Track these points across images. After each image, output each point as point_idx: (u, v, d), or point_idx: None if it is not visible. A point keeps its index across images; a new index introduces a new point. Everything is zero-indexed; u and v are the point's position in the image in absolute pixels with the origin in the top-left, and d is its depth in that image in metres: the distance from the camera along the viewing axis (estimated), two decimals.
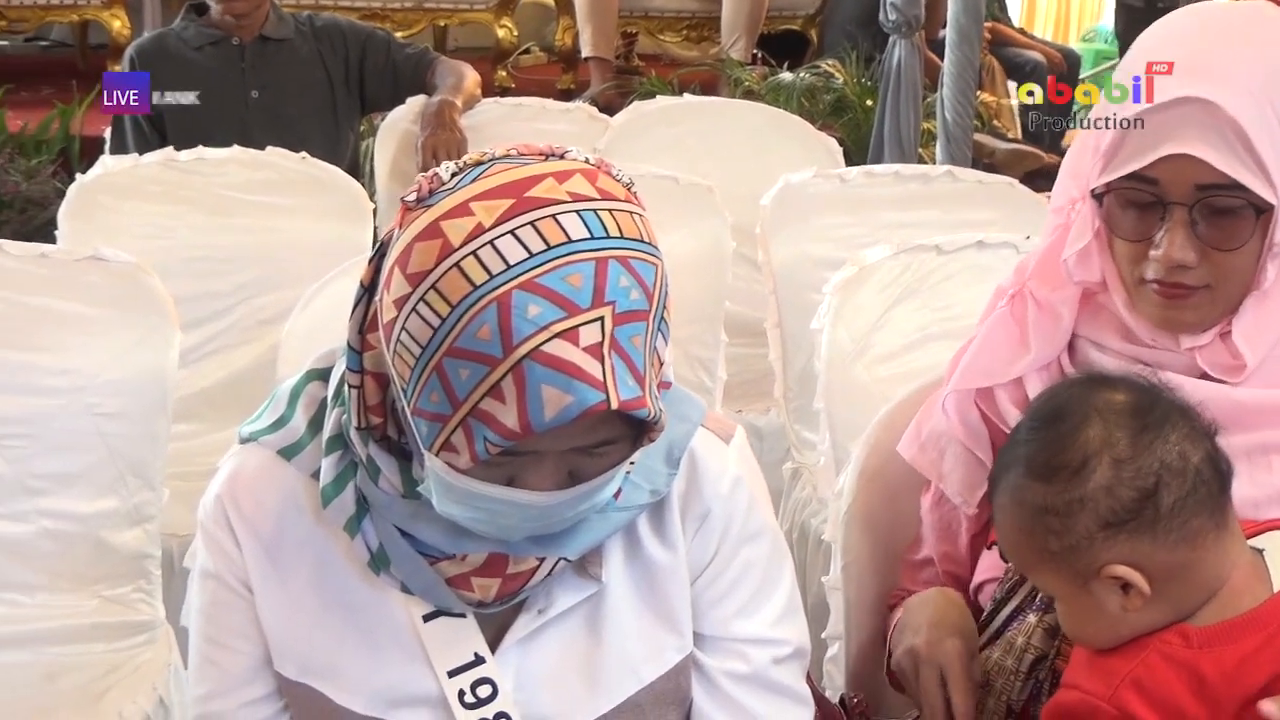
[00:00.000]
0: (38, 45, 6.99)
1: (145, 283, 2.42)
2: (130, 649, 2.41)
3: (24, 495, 2.37)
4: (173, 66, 3.75)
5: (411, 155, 3.75)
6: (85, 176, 3.13)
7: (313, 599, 1.48)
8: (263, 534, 1.48)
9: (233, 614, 1.50)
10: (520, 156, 1.31)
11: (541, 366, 1.22)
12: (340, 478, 1.43)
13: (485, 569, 1.41)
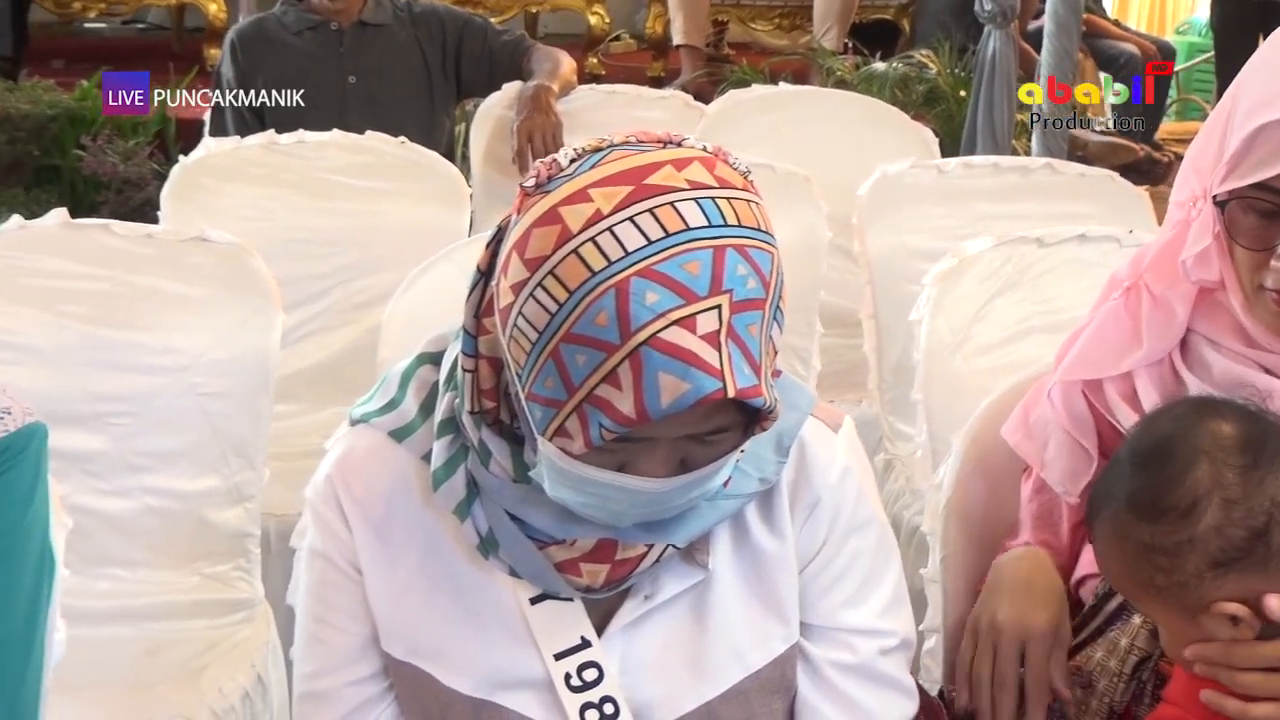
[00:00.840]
0: (135, 28, 7.07)
1: (249, 264, 2.45)
2: (229, 626, 2.43)
3: (128, 472, 2.40)
4: (272, 51, 3.78)
5: (506, 141, 3.75)
6: (187, 158, 3.16)
7: (421, 580, 1.49)
8: (373, 515, 1.49)
9: (341, 594, 1.52)
10: (639, 144, 1.32)
11: (659, 354, 1.22)
12: (451, 461, 1.44)
13: (594, 554, 1.42)
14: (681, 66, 6.11)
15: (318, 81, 3.76)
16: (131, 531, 2.41)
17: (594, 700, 1.47)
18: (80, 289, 2.40)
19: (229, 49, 3.80)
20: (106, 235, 2.44)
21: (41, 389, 2.26)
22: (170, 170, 4.75)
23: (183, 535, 2.44)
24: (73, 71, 5.75)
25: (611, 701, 1.47)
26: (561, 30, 6.64)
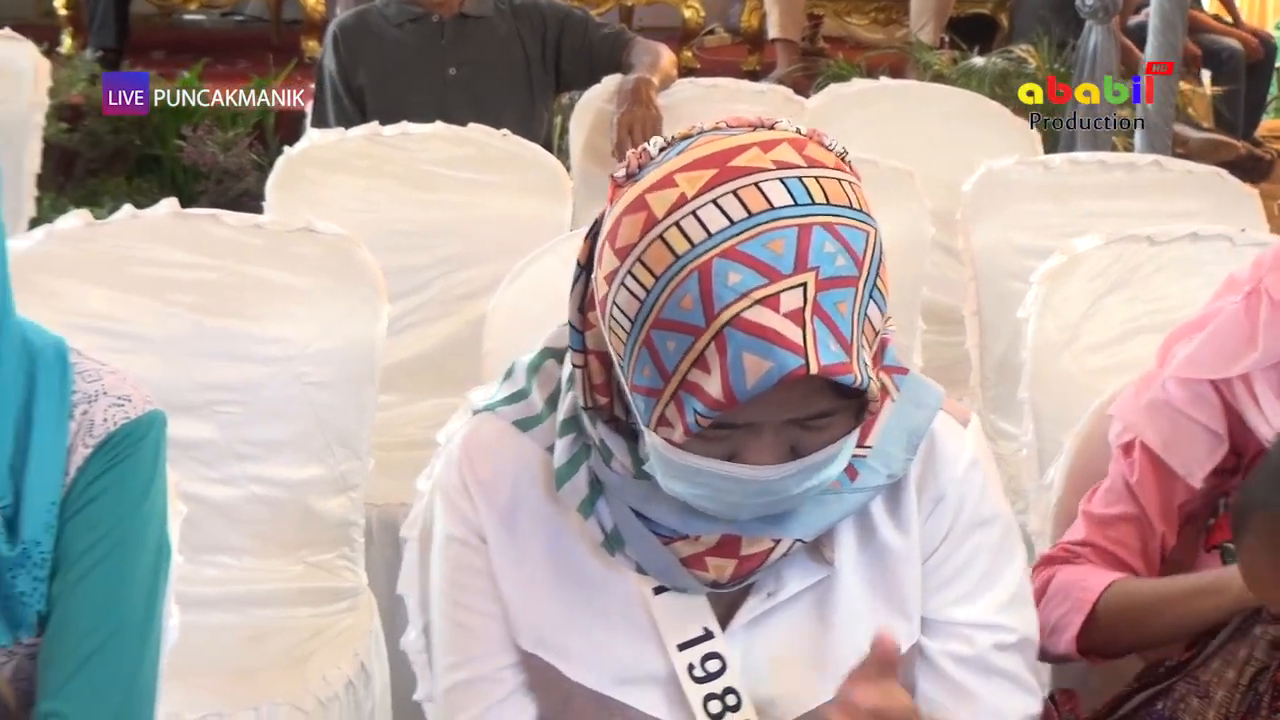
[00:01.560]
0: (233, 20, 7.13)
1: (355, 255, 2.47)
2: (333, 614, 2.46)
3: (235, 460, 2.42)
4: (373, 43, 3.80)
5: (606, 133, 3.75)
6: (292, 149, 3.19)
7: (547, 571, 1.49)
8: (499, 501, 1.49)
9: (480, 577, 1.51)
10: (729, 128, 1.32)
11: (742, 334, 1.22)
12: (574, 460, 1.44)
13: (720, 549, 1.41)
14: (776, 61, 6.08)
15: (418, 73, 3.77)
16: (238, 519, 2.43)
17: (716, 691, 1.46)
18: (189, 278, 2.43)
19: (331, 41, 3.82)
20: (215, 225, 2.46)
21: (151, 377, 2.27)
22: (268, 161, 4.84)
23: (288, 524, 2.46)
24: (173, 63, 5.82)
25: (734, 693, 1.46)
26: (656, 24, 6.62)
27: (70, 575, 1.49)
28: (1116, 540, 1.84)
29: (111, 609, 1.49)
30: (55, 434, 1.51)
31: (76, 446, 1.51)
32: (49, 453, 1.50)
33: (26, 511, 1.48)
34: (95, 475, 1.51)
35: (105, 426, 1.52)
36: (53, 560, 1.49)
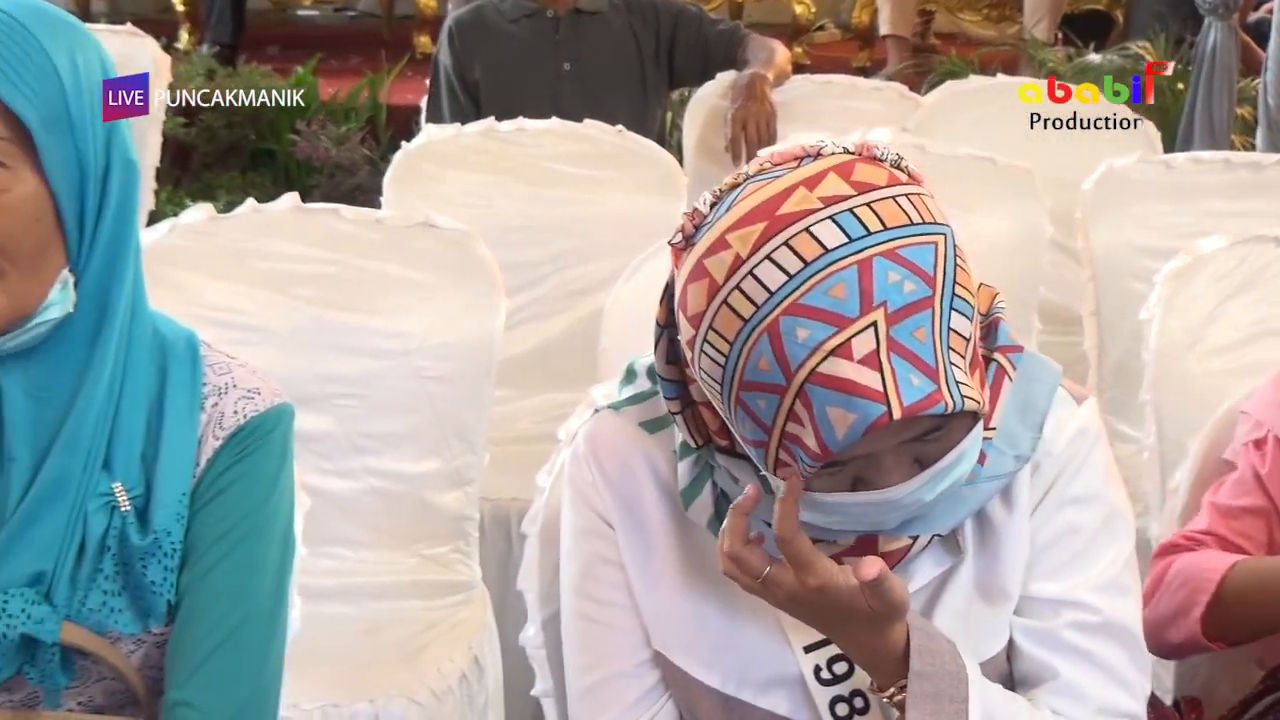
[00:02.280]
0: (346, 15, 7.20)
1: (474, 250, 2.48)
2: (447, 607, 2.46)
3: (353, 454, 2.44)
4: (489, 38, 3.82)
5: (719, 130, 3.75)
6: (409, 145, 3.21)
7: (674, 570, 1.48)
8: (627, 498, 1.49)
9: (614, 568, 1.50)
10: (773, 168, 1.30)
11: (821, 388, 1.21)
12: (697, 480, 1.44)
13: (856, 549, 1.39)
14: (888, 57, 6.05)
15: (533, 69, 3.79)
16: (355, 512, 2.45)
17: (844, 694, 1.45)
18: (310, 272, 2.45)
19: (447, 36, 3.85)
20: (335, 220, 2.48)
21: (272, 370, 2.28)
22: (380, 155, 4.88)
23: (404, 517, 2.48)
24: (287, 58, 5.89)
25: (861, 695, 1.44)
26: (766, 20, 6.60)
27: (199, 566, 1.50)
28: (1241, 532, 1.81)
29: (239, 600, 1.50)
30: (186, 425, 1.52)
31: (207, 438, 1.53)
32: (180, 444, 1.51)
33: (157, 502, 1.49)
34: (225, 467, 1.52)
35: (235, 419, 1.53)
36: (182, 550, 1.51)
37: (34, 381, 1.47)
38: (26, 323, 1.43)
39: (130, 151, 1.49)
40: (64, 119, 1.40)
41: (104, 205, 1.45)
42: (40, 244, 1.41)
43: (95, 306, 1.47)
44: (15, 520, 1.45)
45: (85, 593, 1.48)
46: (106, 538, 1.48)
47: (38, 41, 1.40)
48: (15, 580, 1.45)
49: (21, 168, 1.39)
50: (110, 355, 1.48)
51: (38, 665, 1.47)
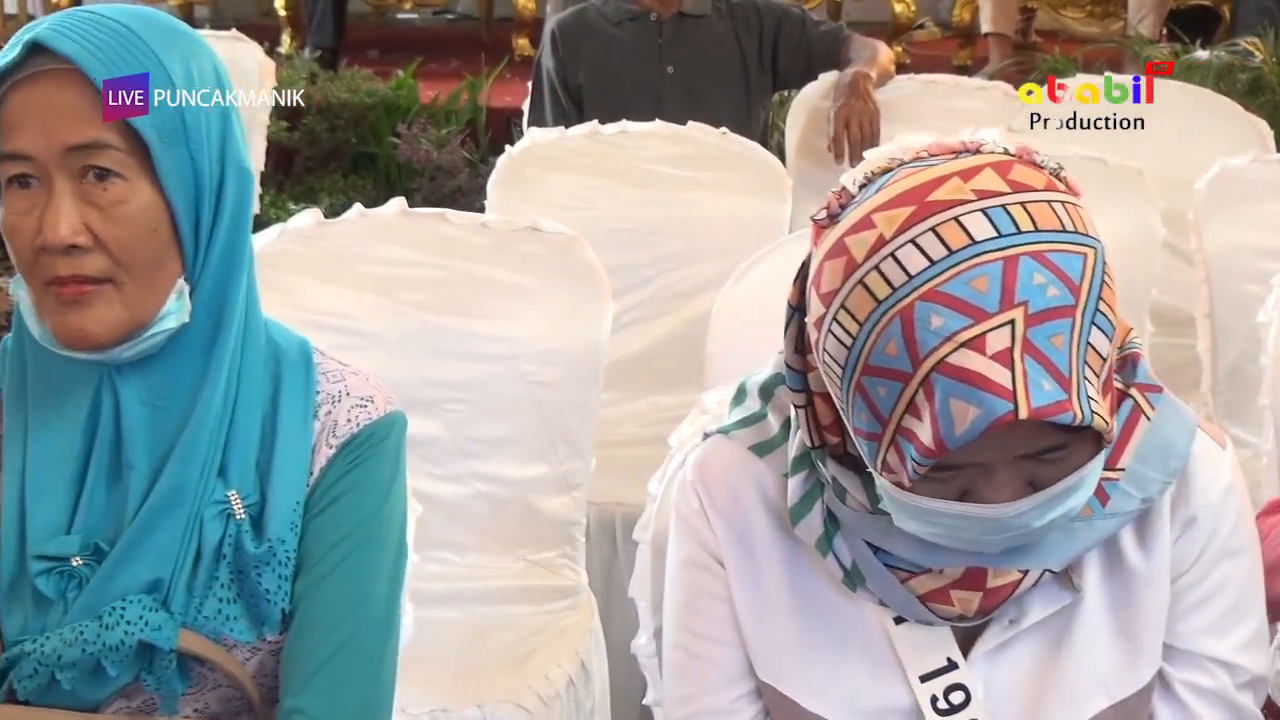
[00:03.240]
0: (445, 19, 7.23)
1: (580, 254, 2.47)
2: (554, 613, 2.46)
3: (460, 458, 2.44)
4: (592, 41, 3.81)
5: (822, 131, 3.72)
6: (514, 148, 3.21)
7: (784, 599, 1.46)
8: (736, 526, 1.46)
9: (718, 603, 1.47)
10: (930, 158, 1.27)
11: (948, 379, 1.17)
12: (807, 497, 1.41)
13: (964, 582, 1.36)
14: (989, 55, 5.99)
15: (636, 72, 3.78)
16: (462, 516, 2.45)
17: None
18: (417, 276, 2.45)
19: (550, 39, 3.85)
20: (442, 224, 2.48)
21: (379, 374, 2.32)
22: (479, 158, 4.90)
23: (510, 521, 2.47)
24: (387, 61, 5.92)
25: None
26: (865, 19, 6.56)
27: (314, 574, 1.51)
28: None
29: (354, 608, 1.51)
30: (300, 434, 1.53)
31: (320, 446, 1.53)
32: (294, 452, 1.52)
33: (272, 510, 1.50)
34: (338, 475, 1.53)
35: (349, 427, 1.54)
36: (297, 559, 1.51)
37: (151, 390, 1.48)
38: (143, 332, 1.44)
39: (244, 160, 1.50)
40: (180, 130, 1.41)
41: (219, 214, 1.46)
42: (157, 254, 1.42)
43: (210, 315, 1.48)
44: (133, 528, 1.46)
45: (201, 600, 1.49)
46: (222, 546, 1.48)
47: (154, 53, 1.40)
48: (133, 587, 1.46)
49: (138, 179, 1.40)
50: (226, 364, 1.49)
51: (155, 672, 1.48)
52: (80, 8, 1.44)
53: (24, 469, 1.48)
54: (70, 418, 1.48)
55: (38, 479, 1.48)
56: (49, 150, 1.38)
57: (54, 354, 1.46)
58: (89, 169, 1.38)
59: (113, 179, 1.39)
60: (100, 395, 1.48)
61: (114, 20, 1.40)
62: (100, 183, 1.39)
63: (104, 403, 1.48)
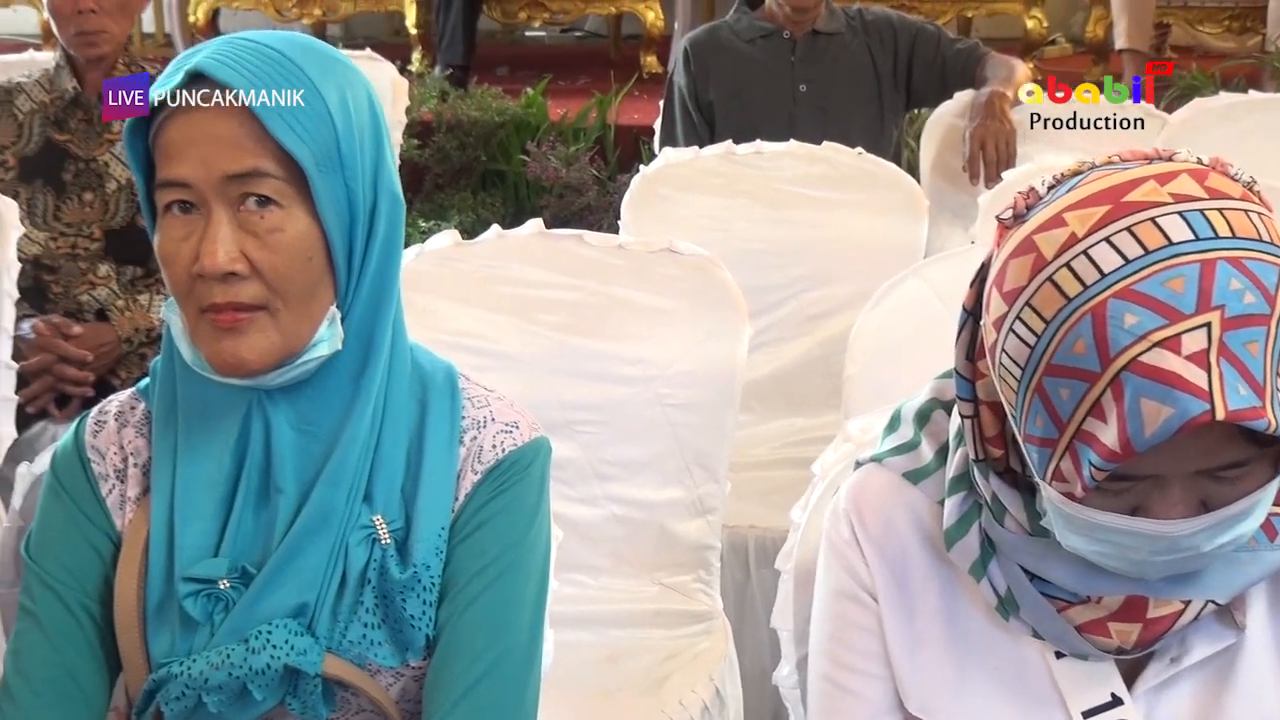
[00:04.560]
0: (573, 36, 7.25)
1: (717, 276, 2.46)
2: (688, 637, 2.44)
3: (595, 480, 2.44)
4: (724, 58, 3.80)
5: (956, 150, 3.68)
6: (647, 168, 3.21)
7: (938, 631, 1.43)
8: (889, 556, 1.44)
9: (868, 636, 1.45)
10: (1122, 163, 1.25)
11: (1140, 378, 1.14)
12: (964, 519, 1.39)
13: (1123, 613, 1.33)
14: (1123, 71, 5.89)
15: (769, 90, 3.76)
16: (596, 539, 2.44)
17: None
18: (553, 298, 2.46)
19: (682, 56, 3.84)
20: (579, 245, 2.48)
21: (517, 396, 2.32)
22: (608, 175, 4.90)
23: (645, 545, 2.46)
24: (516, 79, 5.95)
25: None
26: (995, 34, 6.49)
27: (458, 600, 1.50)
28: None
29: (498, 635, 1.50)
30: (445, 459, 1.53)
31: (465, 472, 1.53)
32: (439, 478, 1.52)
33: (417, 536, 1.50)
34: (483, 501, 1.52)
35: (494, 453, 1.53)
36: (441, 584, 1.51)
37: (301, 415, 1.48)
38: (296, 359, 1.44)
39: (396, 187, 1.50)
40: (335, 158, 1.41)
41: (371, 241, 1.47)
42: (311, 282, 1.43)
43: (361, 342, 1.49)
44: (280, 552, 1.47)
45: (346, 625, 1.49)
46: (367, 571, 1.49)
47: (311, 82, 1.41)
48: (279, 611, 1.47)
49: (294, 207, 1.41)
50: (374, 390, 1.49)
51: (300, 696, 1.48)
52: (238, 35, 1.45)
53: (173, 491, 1.49)
54: (220, 441, 1.49)
55: (187, 501, 1.49)
56: (207, 178, 1.38)
57: (204, 378, 1.46)
58: (246, 196, 1.39)
59: (270, 207, 1.39)
60: (250, 420, 1.49)
61: (271, 48, 1.41)
62: (257, 210, 1.39)
63: (254, 427, 1.48)
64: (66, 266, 3.11)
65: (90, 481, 1.53)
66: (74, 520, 1.52)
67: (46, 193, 3.13)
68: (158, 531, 1.49)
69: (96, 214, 3.13)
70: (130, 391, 1.58)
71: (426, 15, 5.98)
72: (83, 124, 3.16)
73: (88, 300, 3.11)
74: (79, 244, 3.12)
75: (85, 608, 1.51)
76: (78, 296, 3.11)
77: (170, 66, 1.43)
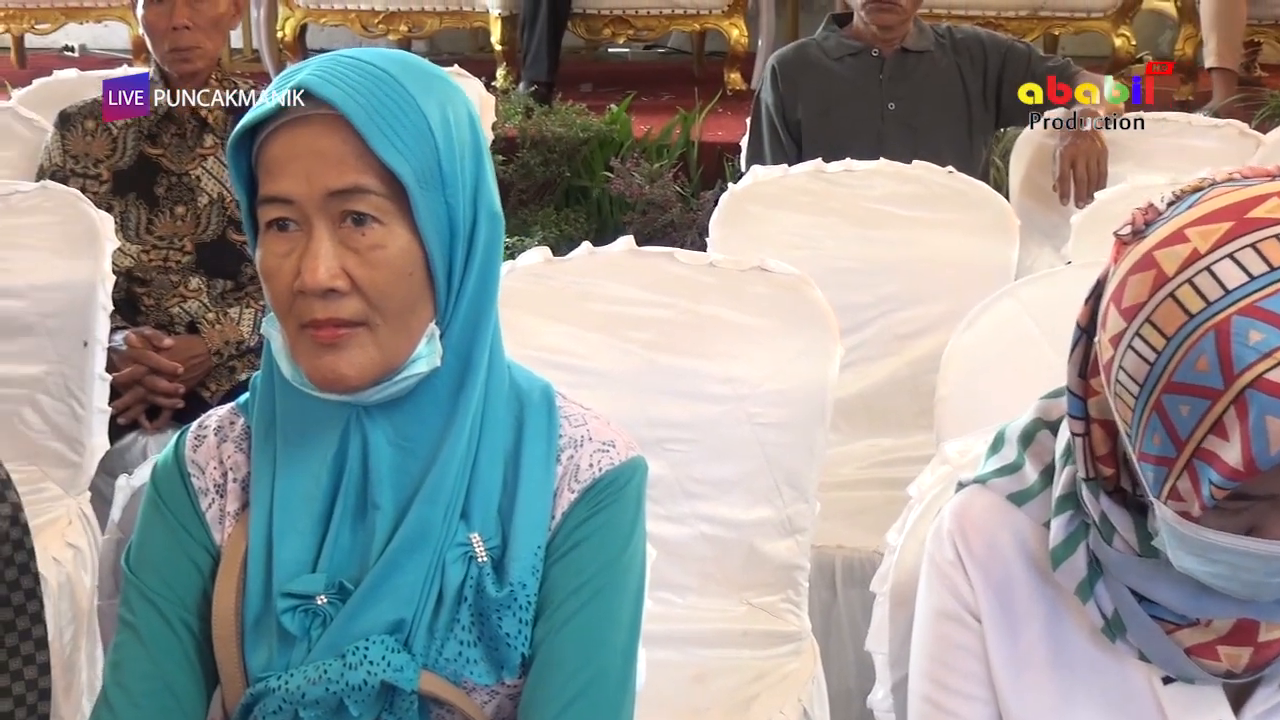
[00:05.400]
0: (656, 53, 7.25)
1: (808, 295, 2.44)
2: (776, 658, 2.42)
3: (684, 498, 2.43)
4: (812, 76, 3.79)
5: (1046, 170, 3.65)
6: (736, 185, 3.20)
7: (1043, 654, 1.42)
8: (994, 578, 1.43)
9: (971, 658, 1.44)
10: (1243, 179, 1.24)
11: (1265, 396, 1.13)
12: (1071, 539, 1.37)
13: (1233, 636, 1.32)
14: (1212, 90, 5.82)
15: (857, 108, 3.75)
16: (684, 557, 2.43)
17: None
18: (644, 315, 2.45)
19: (769, 74, 3.83)
20: (669, 263, 2.47)
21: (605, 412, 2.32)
22: (691, 192, 4.90)
23: (733, 564, 2.45)
24: (600, 95, 5.96)
25: None
26: (1082, 53, 6.42)
27: (554, 619, 1.50)
28: None
29: (593, 655, 1.49)
30: (542, 478, 1.52)
31: (562, 491, 1.52)
32: (536, 496, 1.52)
33: (513, 554, 1.50)
34: (580, 521, 1.52)
35: (591, 472, 1.53)
36: (537, 603, 1.50)
37: (399, 432, 1.49)
38: (395, 376, 1.44)
39: (496, 204, 1.50)
40: (436, 174, 1.41)
41: (470, 259, 1.47)
42: (411, 299, 1.43)
43: (459, 359, 1.48)
44: (378, 568, 1.47)
45: (442, 642, 1.49)
46: (464, 588, 1.49)
47: (412, 98, 1.41)
48: (376, 627, 1.47)
49: (395, 223, 1.41)
50: (472, 407, 1.49)
51: (396, 713, 1.48)
52: (341, 52, 1.45)
53: (271, 506, 1.49)
54: (318, 457, 1.50)
55: (285, 517, 1.49)
56: (310, 194, 1.39)
57: (303, 394, 1.47)
58: (348, 213, 1.39)
59: (371, 224, 1.40)
60: (348, 435, 1.49)
61: (375, 66, 1.42)
62: (358, 227, 1.40)
63: (351, 443, 1.49)
64: (158, 279, 3.14)
65: (190, 496, 1.54)
66: (173, 534, 1.53)
67: (139, 206, 3.17)
68: (256, 546, 1.49)
69: (188, 228, 3.16)
70: (230, 407, 1.59)
71: (511, 32, 6.00)
72: (175, 139, 3.19)
73: (178, 313, 3.14)
74: (170, 257, 3.15)
75: (184, 621, 1.51)
76: (169, 309, 3.14)
77: (274, 83, 1.44)
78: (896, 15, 3.72)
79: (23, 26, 6.52)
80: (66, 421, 2.87)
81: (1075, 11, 6.09)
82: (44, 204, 2.90)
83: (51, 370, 2.87)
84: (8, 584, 1.52)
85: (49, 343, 2.86)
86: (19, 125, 3.52)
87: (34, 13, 6.43)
